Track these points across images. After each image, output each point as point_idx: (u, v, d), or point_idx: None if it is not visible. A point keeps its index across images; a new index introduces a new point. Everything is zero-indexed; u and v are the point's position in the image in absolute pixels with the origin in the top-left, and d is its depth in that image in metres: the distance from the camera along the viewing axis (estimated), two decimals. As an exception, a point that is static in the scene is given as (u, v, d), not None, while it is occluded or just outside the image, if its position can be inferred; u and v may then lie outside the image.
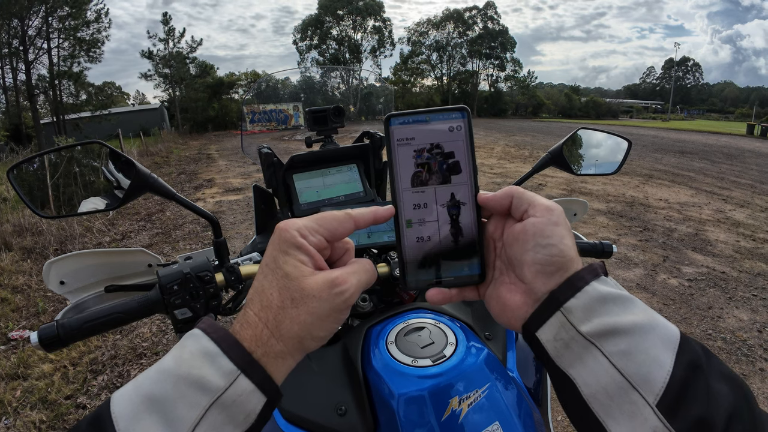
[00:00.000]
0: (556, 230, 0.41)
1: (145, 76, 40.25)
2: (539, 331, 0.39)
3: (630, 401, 0.34)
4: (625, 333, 0.36)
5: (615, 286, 0.40)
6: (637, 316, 0.37)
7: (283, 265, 0.39)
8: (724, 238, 5.61)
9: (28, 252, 5.22)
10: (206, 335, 0.37)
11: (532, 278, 0.41)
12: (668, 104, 78.90)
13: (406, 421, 0.59)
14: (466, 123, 0.44)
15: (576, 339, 0.37)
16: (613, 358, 0.35)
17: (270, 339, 0.38)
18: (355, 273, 0.42)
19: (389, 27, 55.92)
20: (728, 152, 16.55)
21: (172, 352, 0.37)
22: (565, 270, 0.40)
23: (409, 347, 0.67)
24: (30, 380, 2.79)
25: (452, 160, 0.43)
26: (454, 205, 0.44)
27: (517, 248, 0.42)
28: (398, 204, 0.44)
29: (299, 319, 0.38)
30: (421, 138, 0.43)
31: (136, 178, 0.73)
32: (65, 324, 0.66)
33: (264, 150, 1.00)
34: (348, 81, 2.50)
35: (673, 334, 0.36)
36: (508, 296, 0.43)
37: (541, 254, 0.40)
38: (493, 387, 0.63)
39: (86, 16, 31.34)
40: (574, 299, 0.38)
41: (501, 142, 18.25)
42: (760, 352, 3.03)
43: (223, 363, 0.35)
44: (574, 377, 0.37)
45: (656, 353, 0.35)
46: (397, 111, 0.44)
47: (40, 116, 30.72)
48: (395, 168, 0.43)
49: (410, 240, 0.44)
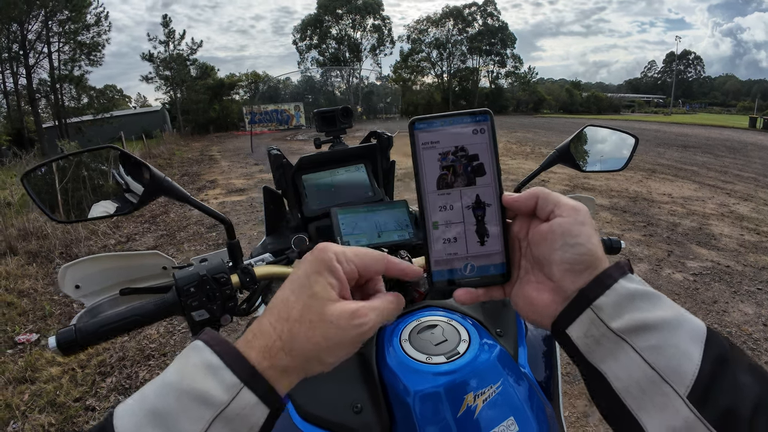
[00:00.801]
0: (584, 229, 0.42)
1: (146, 79, 40.29)
2: (569, 329, 0.40)
3: (662, 393, 0.35)
4: (654, 328, 0.37)
5: (641, 283, 0.40)
6: (666, 311, 0.38)
7: (314, 283, 0.40)
8: (728, 231, 5.60)
9: (33, 256, 5.24)
10: (208, 347, 0.37)
11: (561, 277, 0.42)
12: (670, 98, 78.56)
13: (422, 418, 0.60)
14: (490, 125, 0.45)
15: (607, 335, 0.38)
16: (644, 352, 0.36)
17: (280, 352, 0.38)
18: (376, 309, 0.42)
19: (389, 25, 55.86)
20: (731, 146, 16.50)
21: (175, 364, 0.37)
22: (593, 268, 0.41)
23: (423, 345, 0.68)
24: (38, 383, 2.80)
25: (477, 162, 0.44)
26: (480, 206, 0.45)
27: (545, 248, 0.43)
28: (424, 206, 0.45)
29: (313, 340, 0.38)
30: (446, 141, 0.44)
31: (151, 182, 0.74)
32: (83, 328, 0.67)
33: (274, 152, 1.00)
34: (349, 81, 2.51)
35: (700, 328, 0.37)
36: (535, 295, 0.44)
37: (570, 253, 0.41)
38: (506, 383, 0.64)
39: (86, 20, 31.38)
40: (604, 297, 0.39)
41: (503, 139, 18.22)
42: (766, 345, 3.03)
43: (226, 376, 0.36)
44: (606, 372, 0.38)
45: (685, 347, 0.36)
46: (422, 115, 0.45)
47: (42, 120, 30.78)
48: (421, 171, 0.44)
49: (437, 241, 0.45)
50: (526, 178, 1.00)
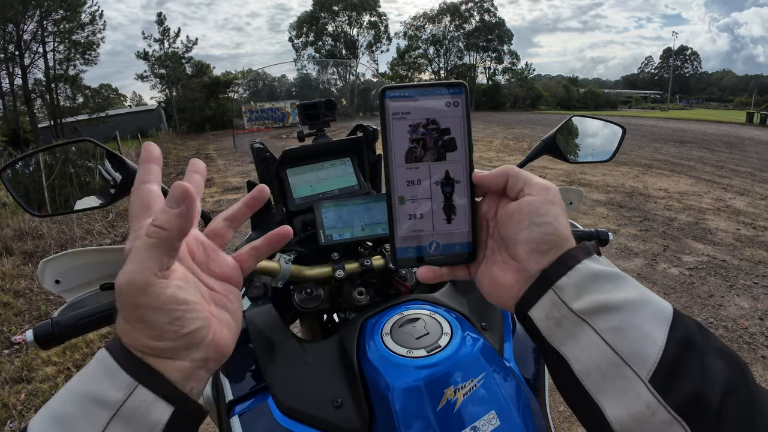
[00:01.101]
0: (552, 209, 0.41)
1: (141, 77, 40.20)
2: (532, 310, 0.39)
3: (623, 377, 0.34)
4: (616, 309, 0.35)
5: (607, 265, 0.39)
6: (629, 292, 0.37)
7: None
8: (724, 226, 5.61)
9: (29, 256, 5.22)
10: (107, 352, 0.36)
11: (526, 257, 0.40)
12: (667, 94, 78.72)
13: (402, 412, 0.59)
14: (464, 99, 0.43)
15: (568, 317, 0.37)
16: (604, 334, 0.35)
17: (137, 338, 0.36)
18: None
19: (385, 22, 55.80)
20: (727, 141, 16.53)
21: (80, 372, 0.36)
22: (558, 249, 0.40)
23: (404, 338, 0.67)
24: (34, 383, 2.80)
25: (448, 136, 0.43)
26: (449, 182, 0.43)
27: (512, 227, 0.42)
28: (391, 180, 0.43)
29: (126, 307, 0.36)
30: (417, 113, 0.42)
31: (126, 175, 0.73)
32: (60, 321, 0.66)
33: (256, 145, 0.99)
34: (345, 77, 2.49)
35: (665, 310, 0.36)
36: (500, 275, 0.43)
37: (536, 233, 0.40)
38: (489, 376, 0.63)
39: (81, 19, 31.32)
40: (566, 277, 0.38)
41: (500, 135, 18.23)
42: (762, 339, 3.04)
43: (120, 376, 0.34)
44: (567, 355, 0.37)
45: (648, 329, 0.34)
46: (393, 83, 0.43)
47: (37, 120, 30.72)
48: (389, 143, 0.42)
49: (402, 217, 0.43)
50: None
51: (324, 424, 0.64)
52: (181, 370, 0.36)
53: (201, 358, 0.37)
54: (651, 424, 0.32)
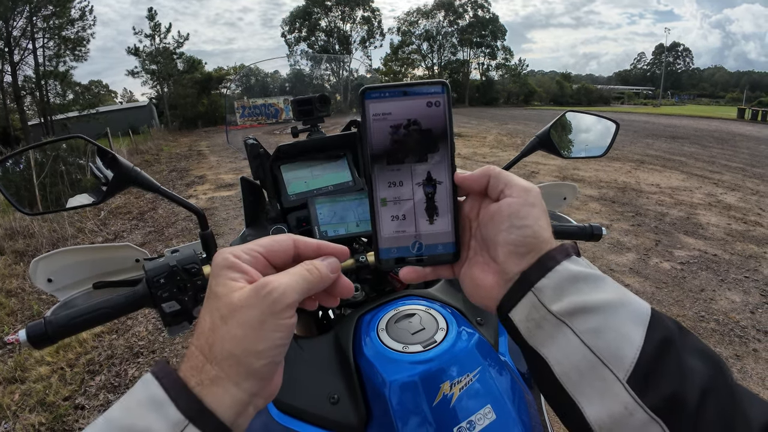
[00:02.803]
0: (532, 211, 0.41)
1: (132, 73, 39.88)
2: (512, 312, 0.40)
3: (601, 378, 0.34)
4: (595, 311, 0.36)
5: (587, 266, 0.39)
6: (608, 293, 0.37)
7: (215, 287, 0.37)
8: (715, 221, 5.66)
9: (20, 255, 5.17)
10: (156, 380, 0.34)
11: (505, 259, 0.41)
12: (659, 90, 79.05)
13: (398, 407, 0.60)
14: (445, 99, 0.42)
15: (547, 318, 0.37)
16: (583, 335, 0.35)
17: (205, 365, 0.35)
18: (288, 273, 0.38)
19: (378, 17, 55.65)
20: (719, 136, 16.65)
21: (122, 399, 0.35)
22: (537, 251, 0.40)
23: (400, 334, 0.67)
24: (28, 383, 2.77)
25: (430, 137, 0.42)
26: (431, 183, 0.43)
27: (492, 228, 0.42)
28: (373, 181, 0.43)
29: (230, 335, 0.35)
30: (398, 113, 0.42)
31: (118, 171, 0.72)
32: (53, 321, 0.66)
33: (250, 141, 0.99)
34: (339, 72, 2.49)
35: (643, 310, 0.36)
36: (481, 276, 0.43)
37: (515, 235, 0.40)
38: (484, 371, 0.63)
39: (70, 15, 30.92)
40: (545, 279, 0.38)
41: (493, 131, 18.26)
42: (753, 332, 3.07)
43: (170, 412, 0.33)
44: (546, 356, 0.37)
45: (626, 330, 0.35)
46: (373, 84, 0.42)
47: (27, 118, 30.35)
48: (370, 144, 0.42)
49: (385, 218, 0.43)
50: (506, 165, 0.99)
51: (321, 420, 0.65)
52: (234, 404, 0.35)
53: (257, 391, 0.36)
54: (629, 424, 0.33)
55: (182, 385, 0.34)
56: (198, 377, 0.34)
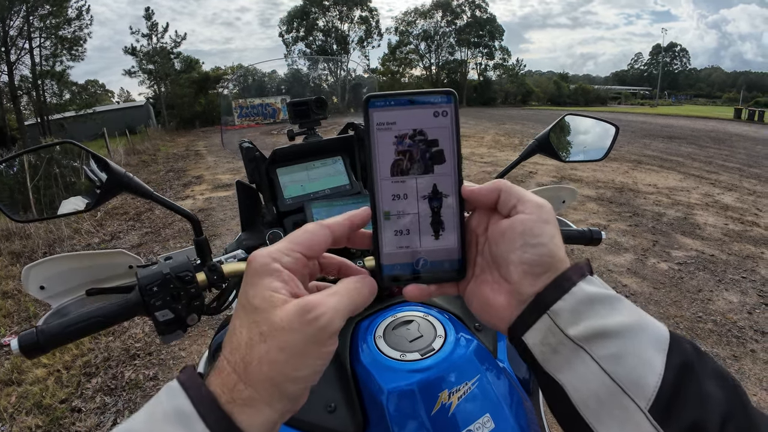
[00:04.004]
0: (546, 229, 0.39)
1: (129, 73, 39.72)
2: (526, 335, 0.38)
3: (621, 407, 0.32)
4: (614, 335, 0.34)
5: (602, 286, 0.38)
6: (626, 316, 0.35)
7: (252, 298, 0.34)
8: (712, 221, 5.67)
9: (17, 256, 5.15)
10: (184, 391, 0.32)
11: (519, 279, 0.38)
12: (656, 90, 79.29)
13: (396, 417, 0.59)
14: (453, 108, 0.41)
15: (564, 343, 0.36)
16: (602, 362, 0.34)
17: (237, 384, 0.33)
18: (335, 294, 0.36)
19: (376, 17, 55.65)
20: (716, 136, 16.71)
21: (146, 407, 0.33)
22: (552, 271, 0.38)
23: (398, 341, 0.66)
24: (24, 385, 2.76)
25: (436, 148, 0.40)
26: (436, 196, 0.41)
27: (504, 246, 0.40)
28: (376, 194, 0.41)
29: (269, 358, 0.32)
30: (403, 123, 0.40)
31: (109, 177, 0.71)
32: (45, 330, 0.65)
33: (245, 144, 0.98)
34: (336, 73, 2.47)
35: (662, 334, 0.35)
36: (491, 296, 0.41)
37: (530, 254, 0.38)
38: (483, 378, 0.63)
39: (67, 14, 30.81)
40: (561, 301, 0.36)
41: (491, 131, 18.26)
42: (751, 333, 3.07)
43: (198, 429, 0.31)
44: (563, 383, 0.36)
45: (647, 356, 0.33)
46: (378, 92, 0.41)
47: (24, 118, 30.22)
48: (374, 154, 0.40)
49: (388, 233, 0.41)
50: (506, 167, 0.99)
51: (318, 429, 0.64)
52: (265, 424, 0.33)
53: (288, 410, 0.35)
54: None
55: (212, 399, 0.32)
56: (229, 395, 0.33)
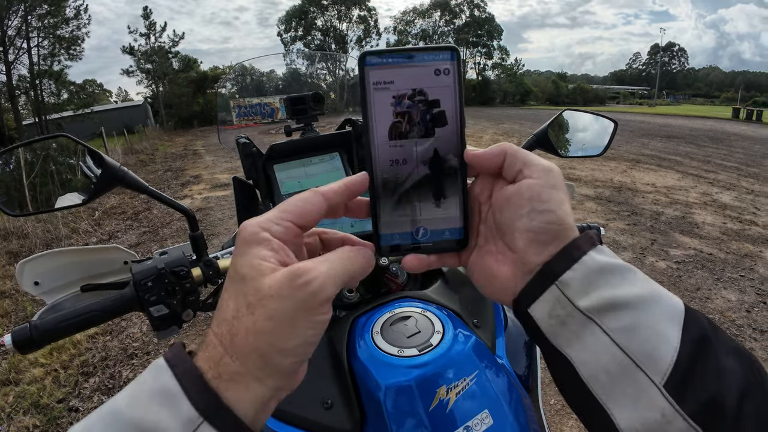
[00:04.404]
0: (555, 194, 0.36)
1: (126, 73, 39.64)
2: (532, 307, 0.36)
3: (634, 381, 0.31)
4: (627, 307, 0.32)
5: (612, 256, 0.36)
6: (639, 287, 0.33)
7: (240, 268, 0.32)
8: (711, 220, 5.68)
9: (14, 256, 5.13)
10: (170, 368, 0.31)
11: (525, 247, 0.36)
12: (654, 89, 79.53)
13: (393, 413, 0.58)
14: (455, 66, 0.38)
15: (573, 315, 0.34)
16: (614, 334, 0.32)
17: (224, 357, 0.31)
18: (327, 260, 0.34)
19: (375, 16, 55.72)
20: (714, 136, 16.74)
21: (131, 386, 0.31)
22: (561, 239, 0.36)
23: (395, 337, 0.66)
24: (22, 385, 2.76)
25: (437, 109, 0.38)
26: (437, 161, 0.39)
27: (509, 213, 0.37)
28: (373, 159, 0.38)
29: (256, 328, 0.30)
30: (402, 82, 0.37)
31: (104, 171, 0.71)
32: (38, 325, 0.64)
33: (242, 140, 0.97)
34: (335, 72, 2.46)
35: (677, 306, 0.33)
36: (495, 267, 0.39)
37: (537, 221, 0.36)
38: (481, 374, 0.62)
39: (65, 13, 30.75)
40: (571, 271, 0.34)
41: (489, 131, 18.27)
42: (749, 331, 3.08)
43: (183, 407, 0.29)
44: (572, 357, 0.34)
45: (662, 328, 0.31)
46: (374, 48, 0.38)
47: (22, 117, 30.16)
48: (370, 117, 0.37)
49: (386, 200, 0.39)
50: None
51: (314, 426, 0.63)
52: (255, 401, 0.31)
53: (281, 387, 0.33)
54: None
55: (198, 375, 0.30)
56: (215, 370, 0.31)
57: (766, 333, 3.05)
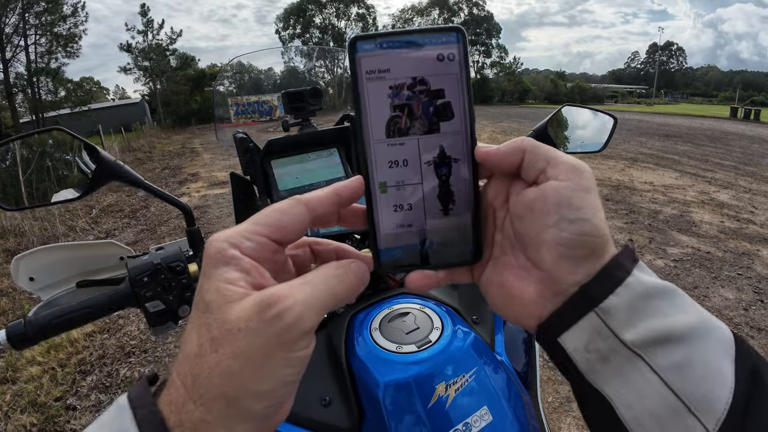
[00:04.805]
0: (588, 199, 0.30)
1: (124, 70, 39.51)
2: (563, 337, 0.30)
3: (685, 428, 0.26)
4: (679, 340, 0.28)
5: (652, 274, 0.31)
6: (690, 315, 0.29)
7: (205, 293, 0.27)
8: (708, 219, 5.69)
9: (11, 254, 5.11)
10: (131, 410, 0.27)
11: (554, 264, 0.31)
12: (653, 88, 79.65)
13: (392, 410, 0.58)
14: (461, 50, 0.32)
15: (617, 350, 0.28)
16: (664, 373, 0.27)
17: (186, 403, 0.26)
18: (308, 283, 0.28)
19: (373, 14, 55.66)
20: (712, 135, 16.77)
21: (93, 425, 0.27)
22: (598, 255, 0.30)
23: (394, 333, 0.65)
24: (19, 384, 2.75)
25: (442, 100, 0.32)
26: (444, 161, 0.33)
27: (532, 222, 0.31)
28: (368, 162, 0.33)
29: (221, 368, 0.25)
30: (400, 69, 0.32)
31: (99, 165, 0.70)
32: (33, 321, 0.64)
33: (239, 135, 0.97)
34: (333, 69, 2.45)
35: (727, 335, 0.29)
36: (515, 285, 0.33)
37: (568, 232, 0.30)
38: (480, 371, 0.62)
39: (62, 11, 30.66)
40: (614, 296, 0.29)
41: (488, 129, 18.26)
42: (747, 330, 3.09)
43: None
44: (612, 397, 0.29)
45: (716, 363, 0.27)
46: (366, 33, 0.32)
47: (19, 115, 30.06)
48: (364, 111, 0.32)
49: (385, 209, 0.33)
50: None
51: (312, 423, 0.63)
52: None
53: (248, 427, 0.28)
54: None
55: (159, 421, 0.26)
56: (177, 416, 0.26)
57: (763, 331, 3.05)
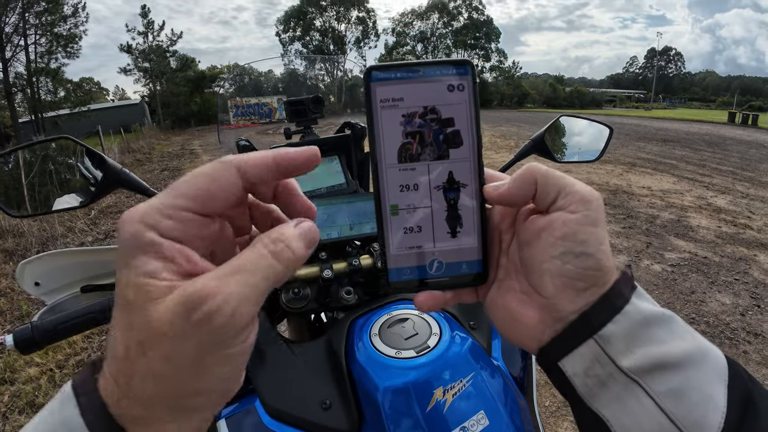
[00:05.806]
0: (594, 233, 0.31)
1: (124, 71, 39.53)
2: (563, 361, 0.31)
3: None
4: (675, 367, 0.29)
5: (651, 301, 0.32)
6: (686, 341, 0.30)
7: (123, 288, 0.24)
8: (706, 224, 5.71)
9: (9, 254, 5.11)
10: (75, 398, 0.25)
11: (555, 293, 0.32)
12: (651, 93, 79.89)
13: (391, 414, 0.59)
14: (470, 81, 0.35)
15: (615, 377, 0.30)
16: (660, 399, 0.28)
17: (121, 400, 0.24)
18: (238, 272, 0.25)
19: (373, 17, 55.83)
20: (710, 140, 16.81)
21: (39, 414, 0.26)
22: (599, 285, 0.31)
23: (393, 339, 0.67)
24: (17, 385, 2.74)
25: (451, 128, 0.35)
26: (453, 187, 0.35)
27: (538, 250, 0.32)
28: (381, 185, 0.35)
29: (152, 372, 0.24)
30: (412, 99, 0.34)
31: (106, 173, 0.71)
32: (40, 326, 0.65)
33: (242, 143, 0.98)
34: (333, 73, 2.46)
35: (721, 360, 0.30)
36: (518, 308, 0.35)
37: (572, 265, 0.31)
38: (477, 376, 0.63)
39: (63, 11, 30.67)
40: (613, 324, 0.30)
41: (487, 133, 18.31)
42: (743, 335, 3.09)
43: None
44: (609, 420, 0.30)
45: (710, 390, 0.28)
46: (382, 62, 0.35)
47: (18, 115, 30.02)
48: (378, 138, 0.34)
49: (396, 231, 0.35)
50: (502, 168, 0.99)
51: (312, 426, 0.64)
52: None
53: (206, 418, 0.28)
54: None
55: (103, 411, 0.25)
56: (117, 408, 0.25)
57: (760, 336, 3.07)
